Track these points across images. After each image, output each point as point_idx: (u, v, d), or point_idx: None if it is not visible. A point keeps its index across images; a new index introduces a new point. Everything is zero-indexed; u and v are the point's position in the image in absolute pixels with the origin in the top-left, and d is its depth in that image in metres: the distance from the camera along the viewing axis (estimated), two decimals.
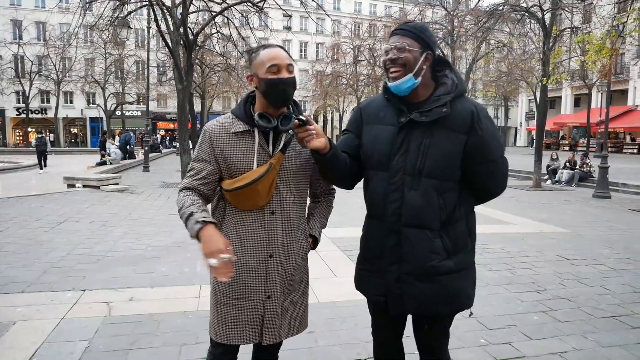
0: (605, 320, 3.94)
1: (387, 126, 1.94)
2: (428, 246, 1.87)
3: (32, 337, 3.42)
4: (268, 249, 1.97)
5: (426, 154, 1.84)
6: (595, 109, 34.99)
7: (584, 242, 6.98)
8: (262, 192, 1.91)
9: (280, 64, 1.88)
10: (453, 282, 1.91)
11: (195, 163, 1.98)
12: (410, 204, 1.86)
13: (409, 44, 1.85)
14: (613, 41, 12.35)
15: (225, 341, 1.99)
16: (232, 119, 1.98)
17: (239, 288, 1.97)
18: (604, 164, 12.60)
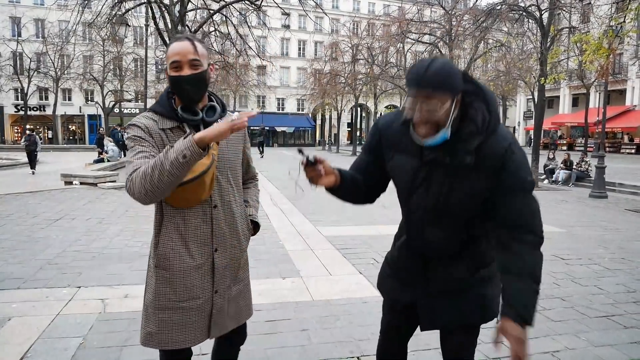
0: (598, 320, 3.96)
1: (408, 157, 1.78)
2: (450, 269, 1.87)
3: (27, 332, 3.44)
4: (212, 243, 1.92)
5: (449, 195, 1.72)
6: (593, 108, 35.02)
7: (579, 241, 7.01)
8: (207, 184, 1.83)
9: (182, 60, 1.77)
10: (481, 292, 1.89)
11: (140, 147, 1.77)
12: (430, 239, 1.85)
13: (440, 103, 1.57)
14: (610, 41, 12.38)
15: (175, 346, 1.91)
16: (157, 117, 1.85)
17: (185, 289, 1.89)
18: (601, 164, 12.62)
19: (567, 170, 15.94)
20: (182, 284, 1.89)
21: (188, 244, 1.88)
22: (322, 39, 46.53)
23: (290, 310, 3.99)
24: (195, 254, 1.89)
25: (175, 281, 1.88)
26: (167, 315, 1.89)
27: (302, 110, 52.21)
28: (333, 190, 1.88)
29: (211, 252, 1.92)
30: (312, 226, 7.65)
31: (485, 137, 1.64)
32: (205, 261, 1.92)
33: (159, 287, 1.90)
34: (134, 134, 1.80)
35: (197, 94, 1.84)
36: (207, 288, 1.93)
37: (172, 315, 1.89)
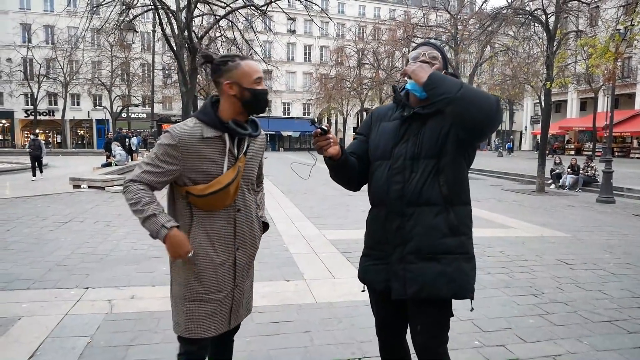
0: (602, 325, 3.94)
1: (392, 121, 2.11)
2: (430, 222, 1.96)
3: (37, 332, 3.50)
4: (235, 243, 2.13)
5: (422, 140, 1.99)
6: (602, 112, 34.77)
7: (585, 246, 6.99)
8: (232, 193, 2.06)
9: (262, 76, 2.06)
10: (454, 262, 1.97)
11: (160, 162, 1.99)
12: (412, 183, 1.98)
13: (437, 57, 2.08)
14: (617, 44, 12.34)
15: (201, 335, 2.09)
16: (200, 126, 2.02)
17: (211, 283, 2.09)
18: (609, 169, 12.55)
19: (574, 175, 15.86)
20: (209, 278, 2.08)
21: (214, 243, 2.08)
22: (328, 44, 46.68)
23: (294, 312, 4.03)
24: (220, 252, 2.09)
25: (203, 275, 2.07)
26: (195, 306, 2.08)
27: (308, 114, 52.33)
28: (335, 163, 2.05)
29: (233, 251, 2.14)
30: (316, 230, 7.70)
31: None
32: (228, 258, 2.12)
33: (189, 281, 2.08)
34: (165, 142, 1.98)
35: None
36: (229, 282, 2.14)
37: (200, 306, 2.08)
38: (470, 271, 2.03)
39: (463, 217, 2.03)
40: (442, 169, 1.98)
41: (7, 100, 43.67)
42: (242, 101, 2.04)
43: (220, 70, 2.03)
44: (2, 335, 3.44)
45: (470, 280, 2.03)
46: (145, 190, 2.01)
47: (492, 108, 1.83)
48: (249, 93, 2.02)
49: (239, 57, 2.05)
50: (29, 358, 3.11)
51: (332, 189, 13.23)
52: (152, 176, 2.00)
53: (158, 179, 2.01)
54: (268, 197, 11.50)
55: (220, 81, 2.03)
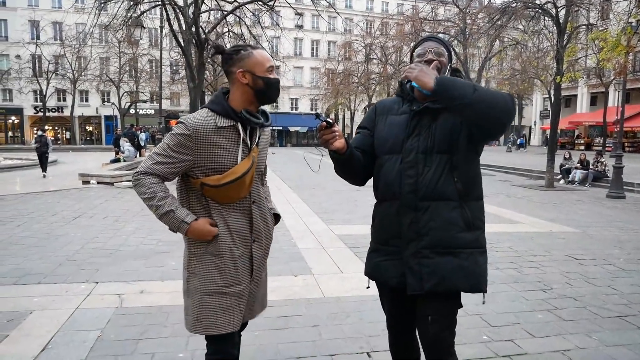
0: (611, 320, 3.92)
1: (400, 115, 2.10)
2: (446, 216, 1.96)
3: (48, 326, 3.54)
4: (251, 235, 2.12)
5: (435, 134, 1.99)
6: (612, 107, 34.38)
7: (594, 242, 6.94)
8: (247, 183, 2.04)
9: (274, 65, 2.06)
10: (471, 256, 1.97)
11: (172, 152, 1.97)
12: (426, 178, 1.97)
13: (444, 52, 2.08)
14: (629, 38, 12.19)
15: (220, 331, 2.04)
16: (213, 116, 2.00)
17: (231, 275, 2.06)
18: (619, 164, 12.43)
19: (583, 170, 15.73)
20: (229, 270, 2.06)
21: (233, 235, 2.06)
22: (335, 39, 46.57)
23: (302, 307, 4.04)
24: (239, 244, 2.08)
25: (224, 268, 2.05)
26: (215, 300, 2.04)
27: (315, 110, 52.27)
28: (340, 157, 2.03)
29: (250, 243, 2.12)
30: (324, 225, 7.70)
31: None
32: (245, 251, 2.10)
33: (209, 273, 2.04)
34: (178, 132, 1.96)
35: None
36: (246, 276, 2.12)
37: (219, 300, 2.04)
38: (484, 264, 2.04)
39: (477, 211, 2.04)
40: (456, 165, 1.98)
41: (16, 97, 44.04)
42: (255, 90, 2.02)
43: (232, 59, 2.02)
44: (14, 329, 3.48)
45: (485, 274, 2.04)
46: (159, 183, 1.98)
47: (507, 106, 1.86)
48: (262, 81, 2.01)
49: (250, 47, 2.05)
50: (41, 351, 3.15)
51: (340, 184, 13.20)
52: (164, 167, 1.97)
53: (170, 169, 1.98)
54: (276, 192, 11.53)
55: (233, 70, 2.02)
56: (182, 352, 3.17)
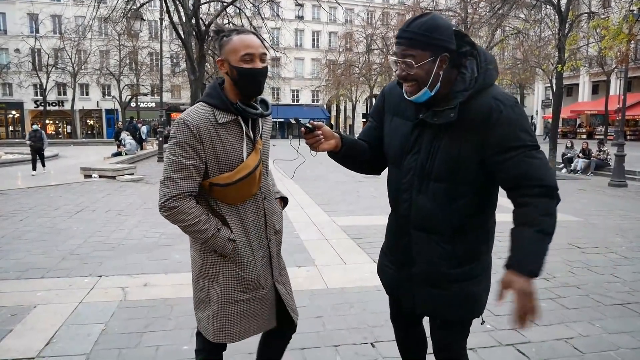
0: (614, 308, 3.94)
1: (404, 121, 1.82)
2: (436, 252, 1.78)
3: (52, 319, 3.56)
4: (267, 233, 1.99)
5: (435, 157, 1.70)
6: (614, 96, 34.16)
7: (596, 230, 6.94)
8: (257, 178, 1.90)
9: (254, 52, 1.79)
10: (464, 289, 1.80)
11: (187, 161, 1.78)
12: (419, 206, 1.77)
13: (417, 56, 1.62)
14: (630, 26, 12.10)
15: (243, 337, 1.95)
16: (211, 110, 1.83)
17: (253, 281, 1.94)
18: (621, 152, 12.41)
19: (585, 159, 15.69)
20: (250, 276, 1.93)
21: (250, 237, 1.93)
22: (336, 30, 46.28)
23: (305, 298, 4.05)
24: (256, 246, 1.95)
25: (245, 274, 1.91)
26: (237, 308, 1.92)
27: (316, 101, 52.15)
28: (336, 156, 1.92)
29: (267, 242, 1.99)
30: (327, 216, 7.71)
31: (473, 94, 1.64)
32: (265, 252, 1.99)
33: (230, 281, 1.91)
34: (182, 138, 1.78)
35: (263, 86, 1.90)
36: (269, 278, 2.00)
37: (242, 307, 1.92)
38: (480, 293, 1.85)
39: (475, 243, 1.80)
40: (458, 196, 1.73)
41: (16, 91, 43.93)
42: (232, 80, 1.83)
43: (220, 46, 1.85)
44: (19, 324, 3.50)
45: (480, 302, 1.86)
46: (197, 207, 1.82)
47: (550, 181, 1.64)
48: (235, 72, 1.80)
49: (236, 31, 1.83)
50: (45, 345, 3.16)
51: (343, 175, 13.20)
52: (190, 181, 1.80)
53: (197, 179, 1.82)
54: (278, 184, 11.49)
55: (218, 57, 1.87)
56: (187, 345, 3.18)
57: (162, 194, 1.80)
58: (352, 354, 3.11)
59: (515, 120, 1.63)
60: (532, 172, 1.62)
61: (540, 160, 1.64)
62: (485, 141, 1.63)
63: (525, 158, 1.62)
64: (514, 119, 1.63)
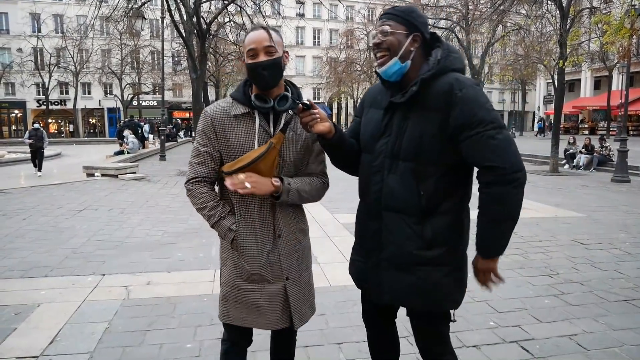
0: (618, 304, 3.92)
1: (379, 110, 1.93)
2: (405, 232, 1.81)
3: (56, 318, 3.57)
4: (275, 230, 1.98)
5: (402, 137, 1.80)
6: (616, 91, 34.04)
7: (600, 226, 6.92)
8: (265, 171, 1.87)
9: (257, 47, 1.85)
10: (429, 275, 1.81)
11: (203, 148, 1.94)
12: (389, 187, 1.83)
13: (393, 26, 1.80)
14: (632, 21, 12.05)
15: (245, 324, 1.99)
16: (231, 102, 1.96)
17: (255, 273, 1.96)
18: (623, 147, 12.36)
19: (588, 155, 15.65)
20: (252, 267, 1.96)
21: (256, 229, 1.96)
22: (337, 27, 46.22)
23: None
24: (261, 240, 1.97)
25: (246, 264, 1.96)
26: (240, 294, 1.98)
27: (318, 99, 52.11)
28: (328, 143, 1.93)
29: (275, 238, 1.98)
30: (329, 214, 7.70)
31: (435, 73, 1.76)
32: (272, 248, 1.98)
33: (233, 268, 2.00)
34: (201, 127, 1.96)
35: (274, 80, 1.90)
36: (278, 274, 1.98)
37: (245, 295, 1.97)
38: (451, 286, 1.85)
39: (445, 227, 1.81)
40: (425, 177, 1.77)
41: (19, 91, 44.00)
42: (248, 77, 1.95)
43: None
44: (22, 322, 3.51)
45: (450, 294, 1.86)
46: (208, 193, 1.96)
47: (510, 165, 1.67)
48: (246, 68, 1.91)
49: (249, 31, 1.95)
50: (49, 344, 3.17)
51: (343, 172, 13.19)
52: (204, 167, 1.95)
53: (210, 166, 1.95)
54: None
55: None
56: (190, 343, 3.18)
57: (186, 176, 2.01)
58: (355, 351, 3.11)
59: (473, 97, 1.70)
60: (487, 154, 1.67)
61: (499, 140, 1.67)
62: (446, 120, 1.71)
63: (482, 139, 1.67)
64: (472, 96, 1.70)
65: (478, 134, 1.67)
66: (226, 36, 19.94)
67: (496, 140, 1.67)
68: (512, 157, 1.67)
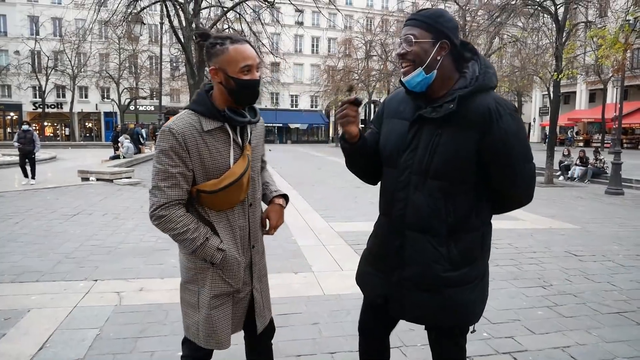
0: (611, 316, 3.93)
1: (402, 121, 1.83)
2: (431, 253, 1.76)
3: (46, 324, 3.53)
4: (250, 240, 1.99)
5: (433, 153, 1.71)
6: (611, 104, 34.38)
7: (593, 238, 6.94)
8: (245, 185, 1.89)
9: (252, 64, 1.81)
10: (457, 295, 1.78)
11: (174, 169, 1.79)
12: (415, 205, 1.76)
13: (418, 35, 1.69)
14: (627, 35, 12.18)
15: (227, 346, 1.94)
16: (197, 118, 1.83)
17: (236, 286, 1.94)
18: (617, 160, 12.45)
19: (582, 167, 15.74)
20: (234, 281, 1.93)
21: (237, 243, 1.93)
22: (336, 36, 46.48)
23: (302, 305, 4.04)
24: (241, 252, 1.94)
25: (229, 280, 1.92)
26: (224, 313, 1.93)
27: (315, 106, 52.22)
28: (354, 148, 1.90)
29: (250, 249, 1.99)
30: (324, 222, 7.70)
31: (473, 91, 1.69)
32: (247, 258, 1.98)
33: (216, 287, 1.90)
34: (168, 146, 1.79)
35: (258, 96, 1.92)
36: (248, 283, 2.00)
37: (227, 311, 1.93)
38: (476, 300, 1.84)
39: (470, 245, 1.79)
40: (454, 194, 1.73)
41: (15, 93, 43.92)
42: (228, 90, 1.83)
43: (208, 53, 1.84)
44: (12, 328, 3.47)
45: (476, 309, 1.86)
46: (186, 215, 1.83)
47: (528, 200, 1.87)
48: (233, 82, 1.80)
49: (230, 40, 1.82)
50: (39, 350, 3.14)
51: (341, 180, 13.21)
52: (178, 189, 1.81)
53: (184, 187, 1.82)
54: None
55: (209, 65, 1.85)
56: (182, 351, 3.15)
57: (151, 203, 1.83)
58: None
59: (514, 130, 1.69)
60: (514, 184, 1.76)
61: (528, 176, 1.78)
62: (481, 141, 1.67)
63: (513, 171, 1.72)
64: (512, 128, 1.69)
65: (510, 167, 1.72)
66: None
67: (526, 176, 1.77)
68: (532, 191, 1.82)
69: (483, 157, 1.69)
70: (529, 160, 1.75)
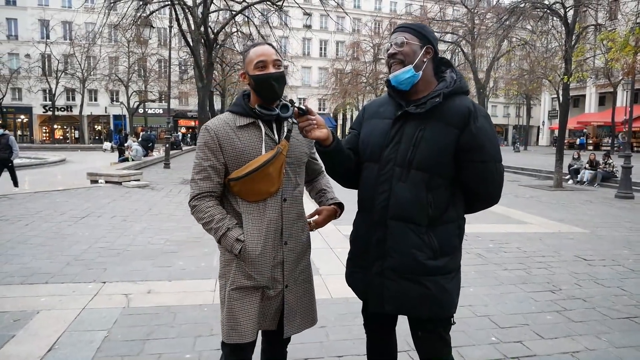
0: (621, 321, 3.89)
1: (383, 119, 1.97)
2: (413, 242, 1.85)
3: (55, 325, 3.56)
4: (282, 236, 2.00)
5: (417, 146, 1.84)
6: (621, 107, 34.13)
7: (603, 242, 6.88)
8: (274, 175, 1.93)
9: (267, 59, 1.93)
10: (437, 284, 1.86)
11: (206, 163, 1.95)
12: (398, 195, 1.86)
13: (408, 37, 1.90)
14: (637, 38, 12.08)
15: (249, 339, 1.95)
16: (233, 116, 1.99)
17: (261, 280, 1.96)
18: (627, 164, 12.33)
19: (592, 170, 15.61)
20: (259, 275, 1.95)
21: (267, 237, 1.96)
22: (344, 39, 46.54)
23: None
24: (270, 247, 1.97)
25: (254, 273, 1.95)
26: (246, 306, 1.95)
27: (323, 110, 52.28)
28: (326, 150, 1.95)
29: (282, 245, 2.01)
30: (331, 225, 7.69)
31: (454, 91, 1.89)
32: (277, 253, 2.00)
33: (239, 280, 1.96)
34: (202, 142, 1.97)
35: (281, 90, 1.98)
36: (279, 281, 2.01)
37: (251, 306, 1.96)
38: (453, 291, 1.93)
39: (449, 235, 1.90)
40: (434, 187, 1.85)
41: (25, 96, 44.41)
42: (253, 89, 2.00)
43: (243, 62, 2.04)
44: (21, 329, 3.49)
45: (453, 299, 1.93)
46: (214, 206, 1.96)
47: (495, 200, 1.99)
48: (252, 80, 1.95)
49: (253, 46, 2.01)
50: (48, 351, 3.16)
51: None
52: (209, 182, 1.96)
53: (215, 179, 1.96)
54: None
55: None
56: (190, 353, 3.17)
57: (189, 194, 2.02)
58: None
59: (488, 130, 1.88)
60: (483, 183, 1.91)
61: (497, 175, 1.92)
62: (459, 138, 1.84)
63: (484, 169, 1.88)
64: (487, 128, 1.88)
65: (483, 163, 1.86)
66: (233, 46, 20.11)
67: (496, 175, 1.91)
68: (500, 190, 1.96)
69: (458, 153, 1.84)
70: (498, 160, 1.91)
